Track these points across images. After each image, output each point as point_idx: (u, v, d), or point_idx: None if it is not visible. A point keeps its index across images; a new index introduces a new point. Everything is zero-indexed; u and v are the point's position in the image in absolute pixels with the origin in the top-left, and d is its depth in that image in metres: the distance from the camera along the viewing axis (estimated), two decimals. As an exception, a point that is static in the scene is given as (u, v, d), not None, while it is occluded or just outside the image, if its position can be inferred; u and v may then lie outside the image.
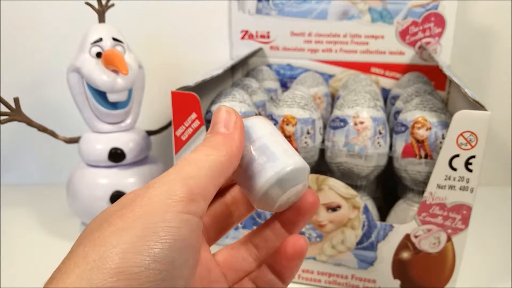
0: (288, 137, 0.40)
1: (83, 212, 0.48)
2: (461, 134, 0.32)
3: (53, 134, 0.48)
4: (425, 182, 0.38)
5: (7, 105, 0.45)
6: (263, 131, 0.22)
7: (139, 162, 0.49)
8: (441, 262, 0.37)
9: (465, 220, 0.35)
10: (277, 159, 0.20)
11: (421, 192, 0.39)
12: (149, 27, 0.61)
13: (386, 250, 0.38)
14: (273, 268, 0.23)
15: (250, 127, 0.22)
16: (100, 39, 0.45)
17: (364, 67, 0.57)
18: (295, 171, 0.21)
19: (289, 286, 0.43)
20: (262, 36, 0.59)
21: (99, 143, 0.47)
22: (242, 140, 0.21)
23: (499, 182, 0.63)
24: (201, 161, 0.19)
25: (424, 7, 0.54)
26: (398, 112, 0.46)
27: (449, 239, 0.36)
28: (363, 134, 0.39)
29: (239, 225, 0.41)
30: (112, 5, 0.48)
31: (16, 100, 0.45)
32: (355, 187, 0.41)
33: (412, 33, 0.55)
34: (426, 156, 0.38)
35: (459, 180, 0.34)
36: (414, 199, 0.41)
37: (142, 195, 0.18)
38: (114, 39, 0.46)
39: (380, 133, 0.39)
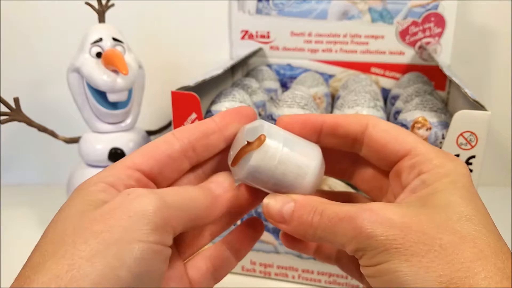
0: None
1: (83, 212, 0.48)
2: (461, 134, 0.32)
3: (53, 134, 0.48)
4: (425, 182, 0.38)
5: (7, 105, 0.45)
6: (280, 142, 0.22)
7: (139, 162, 0.49)
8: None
9: (465, 220, 0.35)
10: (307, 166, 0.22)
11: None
12: (149, 27, 0.61)
13: (386, 250, 0.38)
14: (231, 246, 0.24)
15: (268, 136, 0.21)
16: (100, 39, 0.45)
17: (364, 67, 0.57)
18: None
19: (289, 286, 0.43)
20: (262, 36, 0.59)
21: (99, 143, 0.47)
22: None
23: (499, 182, 0.63)
24: (187, 199, 0.19)
25: (424, 7, 0.54)
26: (398, 112, 0.46)
27: (449, 239, 0.36)
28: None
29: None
30: (112, 5, 0.48)
31: (16, 100, 0.45)
32: (354, 187, 0.41)
33: (412, 33, 0.55)
34: (426, 156, 0.37)
35: (459, 180, 0.34)
36: (414, 199, 0.41)
37: (119, 207, 0.17)
38: (114, 39, 0.46)
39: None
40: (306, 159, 0.21)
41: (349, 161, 0.25)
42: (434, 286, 0.16)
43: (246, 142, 0.21)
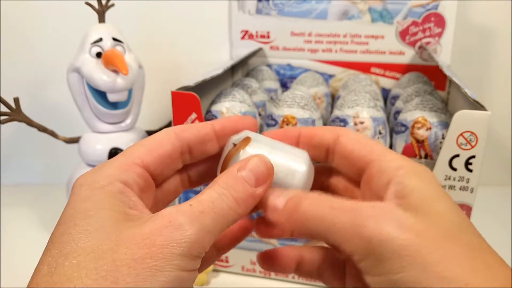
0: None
1: (83, 212, 0.48)
2: (461, 134, 0.32)
3: (53, 134, 0.48)
4: (425, 182, 0.38)
5: (7, 105, 0.45)
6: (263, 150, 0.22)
7: (139, 162, 0.49)
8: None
9: (465, 220, 0.35)
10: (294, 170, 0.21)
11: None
12: (149, 27, 0.61)
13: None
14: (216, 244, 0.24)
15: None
16: (100, 39, 0.45)
17: (364, 67, 0.57)
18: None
19: (289, 286, 0.43)
20: (262, 36, 0.59)
21: (99, 143, 0.47)
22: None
23: (499, 182, 0.63)
24: (223, 216, 0.18)
25: (424, 7, 0.54)
26: (398, 112, 0.46)
27: (449, 239, 0.36)
28: (363, 134, 0.39)
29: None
30: (112, 5, 0.48)
31: (16, 100, 0.45)
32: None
33: (412, 33, 0.55)
34: (426, 156, 0.38)
35: (459, 180, 0.34)
36: (414, 199, 0.41)
37: (161, 234, 0.16)
38: (114, 39, 0.46)
39: (380, 133, 0.39)
40: (294, 161, 0.21)
41: (324, 175, 0.25)
42: None
43: (232, 146, 0.21)
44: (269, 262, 0.24)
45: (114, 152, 0.46)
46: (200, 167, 0.24)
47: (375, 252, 0.17)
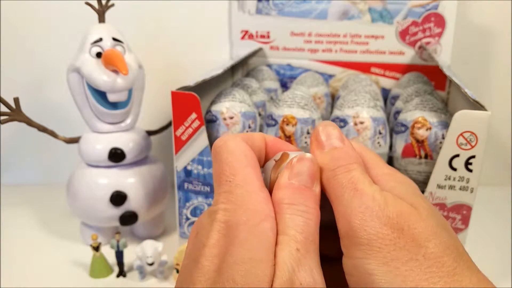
0: (288, 137, 0.40)
1: (83, 212, 0.48)
2: (461, 134, 0.32)
3: (53, 134, 0.48)
4: (425, 182, 0.38)
5: (7, 105, 0.45)
6: None
7: (139, 162, 0.49)
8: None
9: (465, 220, 0.35)
10: None
11: (421, 192, 0.39)
12: (149, 27, 0.61)
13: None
14: None
15: None
16: (100, 39, 0.45)
17: (364, 67, 0.57)
18: None
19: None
20: (262, 36, 0.59)
21: (99, 143, 0.47)
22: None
23: (499, 182, 0.63)
24: (313, 235, 0.18)
25: (424, 7, 0.54)
26: (398, 112, 0.46)
27: (449, 239, 0.36)
28: (363, 134, 0.39)
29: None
30: (112, 5, 0.48)
31: (16, 100, 0.45)
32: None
33: (412, 33, 0.55)
34: (426, 156, 0.38)
35: (459, 180, 0.34)
36: (414, 199, 0.41)
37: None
38: (114, 39, 0.46)
39: (380, 133, 0.39)
40: None
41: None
42: None
43: (274, 162, 0.20)
44: None
45: (114, 152, 0.46)
46: None
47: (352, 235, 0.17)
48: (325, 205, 0.20)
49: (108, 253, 0.45)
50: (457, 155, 0.33)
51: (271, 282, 0.16)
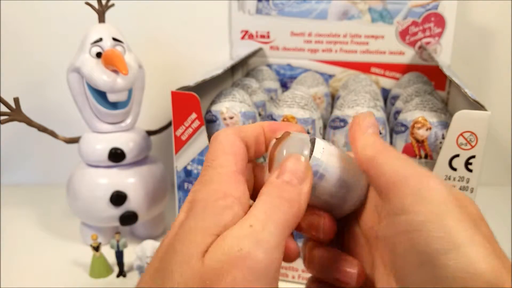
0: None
1: (83, 212, 0.48)
2: (461, 134, 0.32)
3: (53, 134, 0.48)
4: (425, 182, 0.38)
5: (7, 105, 0.45)
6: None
7: (139, 162, 0.49)
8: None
9: (465, 220, 0.35)
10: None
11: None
12: (149, 27, 0.61)
13: (386, 250, 0.38)
14: None
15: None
16: (100, 39, 0.45)
17: (364, 67, 0.57)
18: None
19: (289, 286, 0.43)
20: (262, 36, 0.59)
21: (99, 143, 0.47)
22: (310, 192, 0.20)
23: (499, 182, 0.63)
24: (281, 224, 0.18)
25: (424, 7, 0.54)
26: (398, 112, 0.46)
27: (449, 239, 0.36)
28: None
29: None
30: (112, 5, 0.48)
31: (16, 100, 0.45)
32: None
33: (412, 33, 0.55)
34: (426, 156, 0.38)
35: (459, 180, 0.34)
36: (414, 199, 0.41)
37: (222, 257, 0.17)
38: (114, 39, 0.46)
39: (380, 133, 0.39)
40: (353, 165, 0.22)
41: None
42: None
43: (275, 140, 0.21)
44: None
45: (114, 152, 0.46)
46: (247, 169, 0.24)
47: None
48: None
49: (108, 253, 0.45)
50: (457, 155, 0.33)
51: (203, 252, 0.17)
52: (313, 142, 0.21)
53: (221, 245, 0.17)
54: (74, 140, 0.49)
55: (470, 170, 0.33)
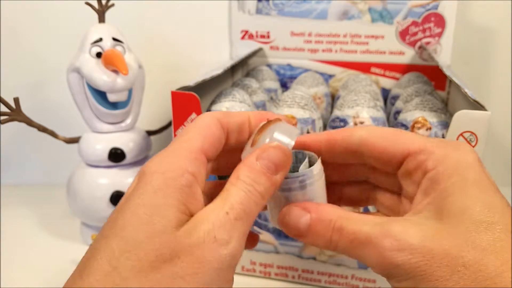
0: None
1: (83, 212, 0.48)
2: (461, 134, 0.32)
3: (53, 134, 0.48)
4: (425, 182, 0.38)
5: (7, 105, 0.45)
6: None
7: (139, 162, 0.49)
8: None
9: (465, 220, 0.35)
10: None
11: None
12: (149, 27, 0.61)
13: (386, 250, 0.38)
14: None
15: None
16: (100, 39, 0.45)
17: (364, 67, 0.57)
18: None
19: (289, 286, 0.43)
20: (262, 36, 0.59)
21: (99, 143, 0.47)
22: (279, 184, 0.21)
23: (499, 182, 0.63)
24: (252, 215, 0.19)
25: (424, 7, 0.54)
26: (398, 112, 0.46)
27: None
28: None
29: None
30: (112, 5, 0.48)
31: (16, 100, 0.45)
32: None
33: (412, 33, 0.55)
34: (426, 156, 0.37)
35: (459, 180, 0.34)
36: (414, 199, 0.41)
37: (188, 232, 0.18)
38: (114, 39, 0.46)
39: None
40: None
41: (367, 191, 0.25)
42: None
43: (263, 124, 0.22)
44: None
45: (114, 152, 0.46)
46: (227, 157, 0.24)
47: (391, 273, 0.19)
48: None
49: (108, 253, 0.45)
50: (457, 155, 0.33)
51: (177, 227, 0.18)
52: (315, 159, 0.23)
53: (197, 227, 0.18)
54: (74, 140, 0.49)
55: (470, 170, 0.33)
